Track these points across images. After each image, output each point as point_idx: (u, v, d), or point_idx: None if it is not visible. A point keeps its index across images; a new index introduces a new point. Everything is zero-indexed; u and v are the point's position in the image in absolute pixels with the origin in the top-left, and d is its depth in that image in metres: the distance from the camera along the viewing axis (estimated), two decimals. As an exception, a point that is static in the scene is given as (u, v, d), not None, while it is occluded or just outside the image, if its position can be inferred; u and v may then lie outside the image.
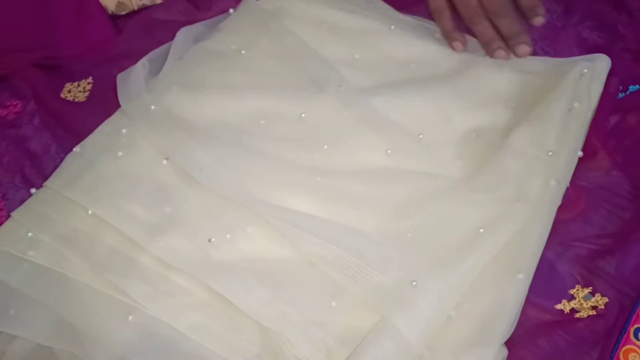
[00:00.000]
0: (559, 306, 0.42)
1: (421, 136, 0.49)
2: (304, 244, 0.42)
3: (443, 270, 0.40)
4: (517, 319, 0.40)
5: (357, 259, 0.41)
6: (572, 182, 0.46)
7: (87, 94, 0.57)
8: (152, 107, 0.50)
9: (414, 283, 0.39)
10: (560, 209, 0.45)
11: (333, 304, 0.41)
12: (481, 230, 0.42)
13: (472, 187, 0.45)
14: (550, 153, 0.45)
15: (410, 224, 0.44)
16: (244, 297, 0.41)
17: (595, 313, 0.41)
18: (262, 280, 0.42)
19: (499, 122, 0.50)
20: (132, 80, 0.52)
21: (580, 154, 0.46)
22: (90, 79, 0.58)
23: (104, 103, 0.54)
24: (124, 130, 0.49)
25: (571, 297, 0.42)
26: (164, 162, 0.47)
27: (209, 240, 0.44)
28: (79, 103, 0.57)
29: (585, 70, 0.49)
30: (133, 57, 0.55)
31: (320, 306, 0.41)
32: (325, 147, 0.49)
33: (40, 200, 0.47)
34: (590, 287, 0.42)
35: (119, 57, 0.59)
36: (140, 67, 0.53)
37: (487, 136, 0.49)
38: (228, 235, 0.44)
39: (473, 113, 0.51)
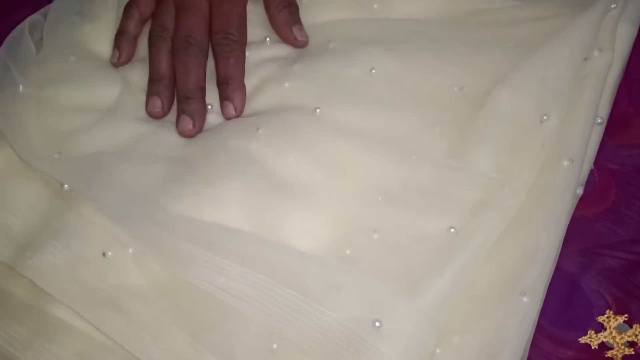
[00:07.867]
0: (584, 339, 0.31)
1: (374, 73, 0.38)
2: (218, 275, 0.30)
3: (414, 295, 0.29)
4: (526, 356, 0.30)
5: (294, 290, 0.29)
6: (597, 163, 0.35)
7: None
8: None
9: (377, 324, 0.28)
10: (582, 203, 0.34)
11: (274, 346, 0.30)
12: (452, 229, 0.31)
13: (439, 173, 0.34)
14: (545, 117, 0.34)
15: (369, 229, 0.32)
16: (151, 343, 0.30)
17: (633, 352, 0.30)
18: (176, 317, 0.31)
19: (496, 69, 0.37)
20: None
21: (599, 120, 0.35)
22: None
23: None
24: None
25: (600, 327, 0.31)
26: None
27: (104, 254, 0.32)
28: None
29: (612, 6, 0.36)
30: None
31: (253, 355, 0.30)
32: (260, 130, 0.36)
33: None
34: (626, 315, 0.31)
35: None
36: (27, 29, 0.41)
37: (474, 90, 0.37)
38: (131, 249, 0.32)
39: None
